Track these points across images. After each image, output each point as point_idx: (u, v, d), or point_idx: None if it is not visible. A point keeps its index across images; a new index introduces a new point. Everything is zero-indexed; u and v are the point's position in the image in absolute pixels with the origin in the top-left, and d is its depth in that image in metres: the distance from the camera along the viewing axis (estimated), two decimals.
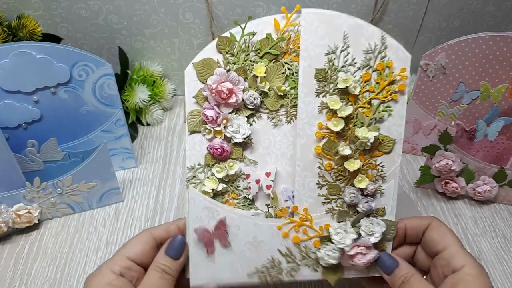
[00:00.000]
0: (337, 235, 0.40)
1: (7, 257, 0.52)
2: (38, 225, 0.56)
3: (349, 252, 0.40)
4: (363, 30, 0.39)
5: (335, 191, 0.42)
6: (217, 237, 0.40)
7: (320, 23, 0.39)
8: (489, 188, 0.59)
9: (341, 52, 0.40)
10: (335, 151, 0.41)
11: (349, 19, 0.39)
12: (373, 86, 0.40)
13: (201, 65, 0.41)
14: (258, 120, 0.43)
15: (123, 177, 0.64)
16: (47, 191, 0.54)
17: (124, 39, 0.73)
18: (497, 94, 0.61)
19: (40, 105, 0.55)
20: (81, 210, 0.58)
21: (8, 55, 0.51)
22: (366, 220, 0.41)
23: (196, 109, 0.42)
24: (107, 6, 0.68)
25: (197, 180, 0.42)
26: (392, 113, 0.41)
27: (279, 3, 0.69)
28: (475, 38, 0.58)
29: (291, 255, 0.42)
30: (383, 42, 0.40)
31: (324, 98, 0.40)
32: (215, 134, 0.42)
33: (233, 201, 0.43)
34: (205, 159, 0.42)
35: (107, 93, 0.57)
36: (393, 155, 0.41)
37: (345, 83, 0.39)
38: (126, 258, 0.39)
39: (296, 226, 0.42)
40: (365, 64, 0.40)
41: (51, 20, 0.69)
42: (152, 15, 0.70)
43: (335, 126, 0.40)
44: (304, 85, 0.40)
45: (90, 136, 0.59)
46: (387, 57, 0.40)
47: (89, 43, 0.72)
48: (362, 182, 0.41)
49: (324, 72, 0.40)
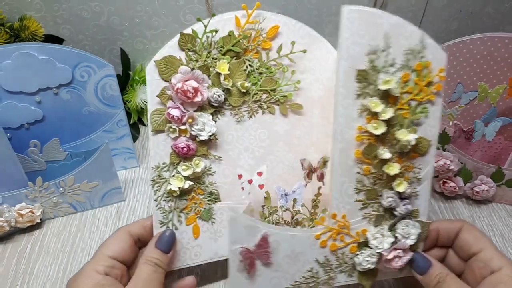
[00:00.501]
0: (375, 240, 0.40)
1: (10, 256, 0.53)
2: (40, 225, 0.56)
3: (387, 256, 0.39)
4: (403, 30, 0.38)
5: (372, 195, 0.41)
6: (259, 256, 0.38)
7: (361, 22, 0.37)
8: (487, 188, 0.59)
9: (381, 52, 0.38)
10: (374, 155, 0.40)
11: (390, 18, 0.38)
12: (412, 87, 0.39)
13: (163, 63, 0.40)
14: (222, 116, 0.43)
15: (124, 176, 0.64)
16: (49, 190, 0.54)
17: (125, 41, 0.73)
18: (495, 95, 0.61)
19: (42, 105, 0.55)
20: (83, 209, 0.59)
21: (11, 56, 0.51)
22: (402, 223, 0.40)
23: (159, 108, 0.41)
24: (109, 8, 0.69)
25: (162, 179, 0.42)
26: (428, 114, 0.40)
27: (279, 4, 0.69)
28: (473, 39, 0.58)
29: (328, 264, 0.41)
30: (422, 42, 0.38)
31: (364, 100, 0.39)
32: (180, 133, 0.42)
33: (198, 197, 0.43)
34: (170, 158, 0.42)
35: (109, 94, 0.58)
36: (428, 156, 0.41)
37: (387, 84, 0.38)
38: (109, 257, 0.39)
39: (334, 234, 0.41)
40: (404, 64, 0.39)
41: (53, 22, 0.69)
42: (154, 16, 0.70)
43: (375, 129, 0.39)
44: (344, 87, 0.38)
45: (92, 136, 0.60)
46: (426, 57, 0.39)
47: (91, 44, 0.73)
48: (400, 185, 0.40)
49: (365, 73, 0.38)
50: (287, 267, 0.40)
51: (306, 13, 0.71)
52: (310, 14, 0.71)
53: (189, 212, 0.43)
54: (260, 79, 0.44)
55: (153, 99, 0.41)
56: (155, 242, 0.41)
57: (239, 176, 0.46)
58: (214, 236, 0.45)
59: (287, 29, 0.44)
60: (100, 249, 0.40)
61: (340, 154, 0.40)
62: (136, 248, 0.42)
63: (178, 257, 0.43)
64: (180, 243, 0.43)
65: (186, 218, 0.44)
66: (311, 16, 0.71)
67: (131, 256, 0.41)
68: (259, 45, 0.43)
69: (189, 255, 0.44)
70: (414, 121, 0.40)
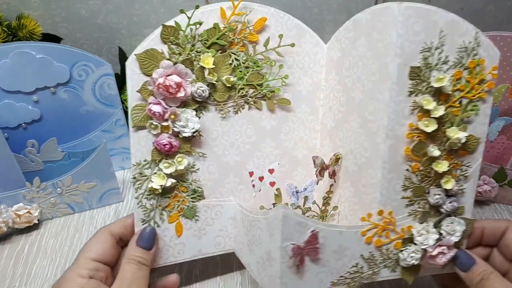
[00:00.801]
0: (420, 236, 0.40)
1: (7, 257, 0.52)
2: (38, 225, 0.56)
3: (431, 252, 0.40)
4: (458, 27, 0.38)
5: (419, 192, 0.41)
6: (308, 252, 0.38)
7: (417, 19, 0.37)
8: (489, 188, 0.59)
9: (435, 50, 0.38)
10: (423, 152, 0.40)
11: (445, 15, 0.38)
12: (463, 85, 0.39)
13: (145, 56, 0.39)
14: (206, 112, 0.42)
15: (123, 177, 0.64)
16: (47, 191, 0.54)
17: (124, 39, 0.72)
18: (497, 94, 0.61)
19: (40, 105, 0.55)
20: (81, 210, 0.58)
21: (8, 55, 0.51)
22: (447, 219, 0.41)
23: (140, 104, 0.40)
24: (107, 6, 0.68)
25: (144, 177, 0.41)
26: (478, 112, 0.40)
27: (279, 2, 0.69)
28: None
29: (373, 259, 0.41)
30: (476, 39, 0.38)
31: (416, 97, 0.38)
32: (162, 129, 0.40)
33: (182, 194, 0.43)
34: (152, 154, 0.41)
35: (106, 93, 0.57)
36: (476, 154, 0.41)
37: (440, 82, 0.38)
38: (91, 260, 0.38)
39: (380, 230, 0.41)
40: (457, 62, 0.39)
41: (51, 20, 0.69)
42: (152, 14, 0.70)
43: (426, 127, 0.39)
44: (397, 84, 0.38)
45: (90, 136, 0.59)
46: (479, 55, 0.39)
47: (89, 43, 0.72)
48: (448, 183, 0.40)
49: (418, 70, 0.38)
50: (333, 262, 0.40)
51: (306, 11, 0.70)
52: (310, 12, 0.70)
53: (172, 210, 0.43)
54: (246, 73, 0.43)
55: (134, 94, 0.40)
56: (136, 240, 0.40)
57: (251, 173, 0.45)
58: (198, 234, 0.44)
59: (275, 21, 0.43)
60: (82, 252, 0.39)
61: (390, 150, 0.39)
62: (118, 247, 0.42)
63: (160, 255, 0.43)
64: (163, 240, 0.43)
65: (168, 216, 0.43)
66: (311, 14, 0.71)
67: (114, 257, 0.41)
68: (246, 38, 0.42)
69: (172, 252, 0.44)
70: (464, 119, 0.40)
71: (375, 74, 0.39)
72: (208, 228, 0.45)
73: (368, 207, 0.41)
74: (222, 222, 0.45)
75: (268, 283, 0.39)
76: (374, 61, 0.39)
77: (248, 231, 0.42)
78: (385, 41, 0.38)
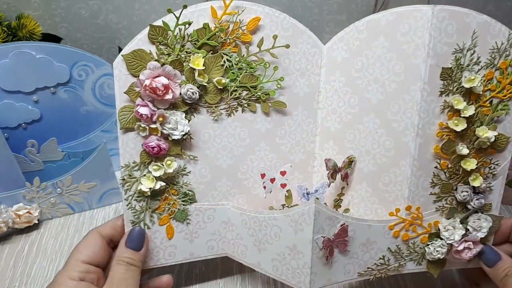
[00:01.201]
0: (447, 231, 0.41)
1: (7, 257, 0.52)
2: (38, 225, 0.56)
3: (457, 247, 0.41)
4: (490, 28, 0.39)
5: (447, 189, 0.42)
6: (337, 244, 0.40)
7: (450, 21, 0.38)
8: None
9: (467, 51, 0.39)
10: (452, 150, 0.41)
11: (478, 16, 0.38)
12: (494, 85, 0.40)
13: (132, 57, 0.38)
14: (197, 114, 0.41)
15: None
16: (47, 191, 0.54)
17: (124, 39, 0.72)
18: None
19: (40, 105, 0.55)
20: (81, 210, 0.58)
21: (8, 55, 0.51)
22: (474, 216, 0.42)
23: (128, 105, 0.39)
24: (107, 6, 0.68)
25: (133, 179, 0.41)
26: (509, 112, 0.41)
27: (279, 3, 0.69)
28: None
29: (399, 252, 0.42)
30: (509, 40, 0.39)
31: (447, 97, 0.40)
32: (150, 131, 0.40)
33: (172, 197, 0.42)
34: (141, 156, 0.41)
35: (107, 93, 0.57)
36: (505, 152, 0.42)
37: (471, 82, 0.39)
38: (82, 262, 0.38)
39: (407, 225, 0.42)
40: (489, 62, 0.40)
41: (51, 20, 0.69)
42: (152, 14, 0.70)
43: (456, 126, 0.40)
44: (428, 84, 0.39)
45: (90, 136, 0.59)
46: (511, 55, 0.40)
47: (89, 43, 0.72)
48: (476, 180, 0.41)
49: (450, 71, 0.39)
50: (361, 254, 0.41)
51: (306, 11, 0.70)
52: (310, 12, 0.70)
53: (162, 212, 0.43)
54: (239, 75, 0.41)
55: (121, 96, 0.39)
56: (125, 241, 0.40)
57: (262, 175, 0.44)
58: (190, 237, 0.44)
59: (270, 21, 0.42)
60: (72, 255, 0.39)
61: (420, 148, 0.40)
62: (109, 249, 0.42)
63: (151, 256, 0.43)
64: (153, 242, 0.43)
65: (159, 218, 0.43)
66: (311, 14, 0.71)
67: (104, 258, 0.41)
68: (238, 38, 0.40)
69: (162, 254, 0.43)
70: (494, 118, 0.41)
71: (401, 75, 0.40)
72: (200, 232, 0.44)
73: (393, 204, 0.42)
74: (215, 226, 0.45)
75: (293, 275, 0.40)
76: (398, 61, 0.40)
77: (256, 232, 0.42)
78: (414, 43, 0.39)
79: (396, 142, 0.41)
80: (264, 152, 0.45)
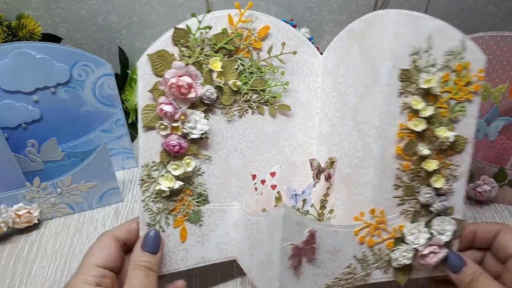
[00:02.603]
0: (412, 235, 0.41)
1: (7, 257, 0.52)
2: (38, 225, 0.56)
3: (422, 251, 0.40)
4: (445, 32, 0.40)
5: (410, 192, 0.42)
6: (305, 252, 0.38)
7: (407, 25, 0.39)
8: (489, 188, 0.59)
9: (424, 53, 0.40)
10: (413, 151, 0.41)
11: (433, 20, 0.39)
12: (451, 87, 0.40)
13: (156, 57, 0.39)
14: (212, 115, 0.43)
15: (123, 177, 0.64)
16: (47, 191, 0.54)
17: (124, 39, 0.72)
18: (497, 94, 0.61)
19: (40, 105, 0.55)
20: (81, 210, 0.58)
21: (8, 55, 0.51)
22: (438, 219, 0.41)
23: (151, 104, 0.40)
24: (107, 6, 0.68)
25: (151, 179, 0.41)
26: (466, 113, 0.41)
27: (279, 3, 0.69)
28: (475, 38, 0.58)
29: (366, 260, 0.41)
30: (463, 44, 0.40)
31: (406, 98, 0.40)
32: (172, 130, 0.40)
33: (187, 198, 0.42)
34: (160, 156, 0.41)
35: (107, 93, 0.57)
36: (464, 154, 0.42)
37: (428, 83, 0.40)
38: (96, 266, 0.37)
39: (372, 230, 0.41)
40: (445, 65, 0.40)
41: (51, 20, 0.69)
42: (152, 15, 0.70)
43: (416, 126, 0.40)
44: (388, 86, 0.40)
45: (90, 136, 0.59)
46: (465, 58, 0.40)
47: (89, 43, 0.72)
48: (438, 181, 0.41)
49: (407, 72, 0.40)
50: (328, 263, 0.40)
51: (306, 11, 0.70)
52: (310, 12, 0.70)
53: (178, 214, 0.42)
54: (250, 78, 0.44)
55: (145, 94, 0.40)
56: (141, 244, 0.39)
57: (253, 176, 0.45)
58: (201, 240, 0.44)
59: (277, 30, 0.44)
60: (86, 258, 0.38)
61: (382, 150, 0.40)
62: (122, 253, 0.40)
63: (164, 261, 0.42)
64: (167, 246, 0.42)
65: (174, 220, 0.42)
66: (311, 14, 0.71)
67: (118, 262, 0.40)
68: (251, 44, 0.43)
69: (175, 259, 0.43)
70: (452, 119, 0.41)
71: (368, 78, 0.41)
72: (211, 234, 0.44)
73: (361, 207, 0.42)
74: (225, 228, 0.45)
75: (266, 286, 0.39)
76: (367, 65, 0.41)
77: (250, 235, 0.42)
78: (377, 47, 0.40)
79: (364, 144, 0.42)
80: (270, 153, 0.46)
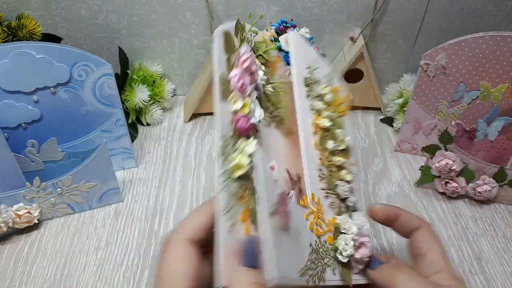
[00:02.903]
0: (345, 224, 0.40)
1: (7, 257, 0.52)
2: (38, 225, 0.56)
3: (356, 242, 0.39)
4: (323, 63, 0.47)
5: (330, 185, 0.43)
6: (282, 214, 0.32)
7: (302, 43, 0.46)
8: (489, 188, 0.59)
9: (313, 70, 0.46)
10: (325, 146, 0.44)
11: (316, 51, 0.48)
12: (330, 101, 0.46)
13: (228, 36, 0.38)
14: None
15: (123, 177, 0.64)
16: (47, 191, 0.54)
17: (124, 39, 0.72)
18: (497, 94, 0.61)
19: (40, 105, 0.55)
20: (81, 210, 0.58)
21: (8, 55, 0.51)
22: (356, 213, 0.43)
23: (224, 76, 0.36)
24: (107, 6, 0.68)
25: (228, 153, 0.34)
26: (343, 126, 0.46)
27: (279, 3, 0.69)
28: (475, 37, 0.58)
29: (318, 252, 0.37)
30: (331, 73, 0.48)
31: (311, 101, 0.45)
32: (243, 107, 0.36)
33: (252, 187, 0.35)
34: (233, 131, 0.35)
35: (107, 93, 0.57)
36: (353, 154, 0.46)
37: (322, 90, 0.46)
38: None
39: (316, 218, 0.39)
40: (327, 83, 0.46)
41: (51, 20, 0.69)
42: (152, 15, 0.70)
43: (323, 124, 0.44)
44: (298, 86, 0.44)
45: (90, 136, 0.59)
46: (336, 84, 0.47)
47: (89, 43, 0.72)
48: (348, 175, 0.44)
49: (307, 79, 0.45)
50: (297, 243, 0.35)
51: (307, 11, 0.70)
52: (310, 12, 0.70)
53: (243, 205, 0.33)
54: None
55: (221, 64, 0.37)
56: (241, 260, 0.29)
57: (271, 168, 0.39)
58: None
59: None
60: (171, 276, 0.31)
61: (305, 141, 0.43)
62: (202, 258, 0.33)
63: None
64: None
65: (240, 213, 0.32)
66: (311, 14, 0.71)
67: (201, 273, 0.32)
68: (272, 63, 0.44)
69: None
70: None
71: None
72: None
73: (305, 190, 0.41)
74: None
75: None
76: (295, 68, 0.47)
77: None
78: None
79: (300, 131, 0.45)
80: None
